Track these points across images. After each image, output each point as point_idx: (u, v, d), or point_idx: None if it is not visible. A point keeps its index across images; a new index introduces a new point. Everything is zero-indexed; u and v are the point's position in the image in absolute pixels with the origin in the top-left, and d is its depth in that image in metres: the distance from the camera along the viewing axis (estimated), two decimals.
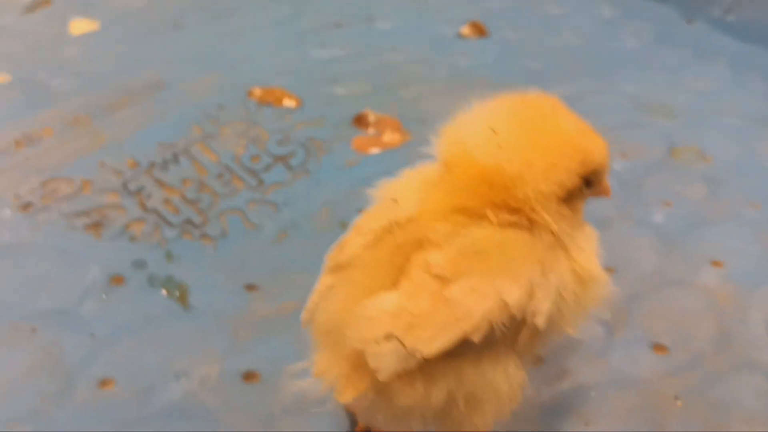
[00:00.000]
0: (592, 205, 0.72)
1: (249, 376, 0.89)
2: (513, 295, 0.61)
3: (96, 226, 1.09)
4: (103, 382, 0.87)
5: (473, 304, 0.60)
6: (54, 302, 0.96)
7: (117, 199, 1.14)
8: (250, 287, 1.00)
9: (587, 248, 0.69)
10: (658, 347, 0.95)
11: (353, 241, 0.66)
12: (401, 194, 0.66)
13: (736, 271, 1.05)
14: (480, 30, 1.76)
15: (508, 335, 0.63)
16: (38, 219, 1.09)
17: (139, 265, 1.02)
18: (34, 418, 0.83)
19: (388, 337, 0.59)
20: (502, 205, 0.63)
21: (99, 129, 1.31)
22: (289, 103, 1.45)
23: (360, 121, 1.41)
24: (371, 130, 1.39)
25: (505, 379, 0.66)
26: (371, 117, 1.41)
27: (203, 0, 1.84)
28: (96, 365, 0.89)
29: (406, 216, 0.64)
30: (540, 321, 0.63)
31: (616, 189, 0.79)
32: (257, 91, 1.45)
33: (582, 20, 1.75)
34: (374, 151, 1.34)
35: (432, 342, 0.59)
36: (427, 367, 0.62)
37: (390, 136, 1.38)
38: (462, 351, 0.62)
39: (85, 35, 1.65)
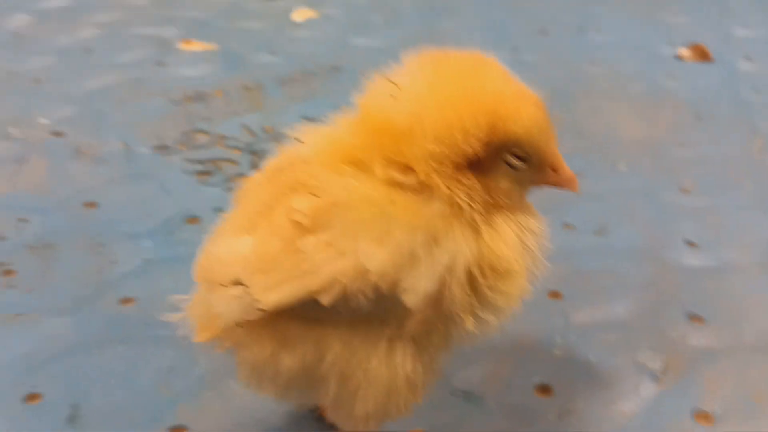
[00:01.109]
0: None
1: None
2: (375, 259, 0.51)
3: (206, 174, 1.17)
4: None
5: (324, 261, 0.51)
6: (136, 227, 1.05)
7: (237, 155, 1.21)
8: None
9: (509, 235, 0.56)
10: (702, 415, 0.74)
11: (252, 178, 0.62)
12: (311, 136, 0.60)
13: None
14: (703, 54, 1.55)
15: (380, 312, 0.54)
16: (164, 159, 1.20)
17: (218, 210, 1.07)
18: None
19: (236, 282, 0.54)
20: (393, 162, 0.54)
21: (262, 98, 1.40)
22: None
23: None
24: None
25: (386, 367, 0.56)
26: None
27: (421, 0, 1.88)
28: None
29: (300, 157, 0.58)
30: (410, 300, 0.52)
31: None
32: None
33: None
34: None
35: (270, 292, 0.52)
36: (279, 327, 0.55)
37: None
38: (319, 317, 0.54)
39: (304, 21, 1.78)
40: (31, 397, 0.78)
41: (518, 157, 0.55)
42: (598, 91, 1.45)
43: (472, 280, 0.54)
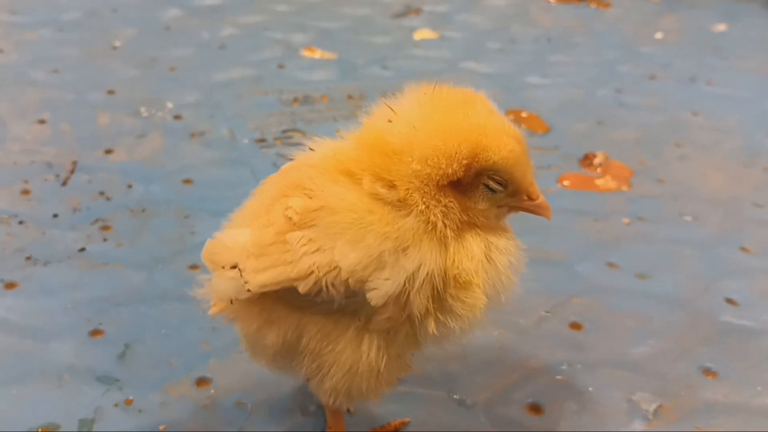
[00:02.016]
0: None
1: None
2: (346, 258, 0.59)
3: None
4: None
5: (304, 253, 0.60)
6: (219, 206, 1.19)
7: None
8: None
9: (475, 251, 0.62)
10: None
11: (271, 176, 0.71)
12: (321, 146, 0.68)
13: None
14: None
15: (351, 307, 0.62)
16: (260, 151, 1.34)
17: None
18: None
19: (233, 266, 0.63)
20: (381, 178, 0.61)
21: (357, 109, 1.52)
22: (540, 129, 1.47)
23: (587, 160, 1.36)
24: (593, 170, 1.33)
25: (352, 351, 0.64)
26: (599, 159, 1.35)
27: (537, 31, 1.93)
28: None
29: (307, 162, 0.66)
30: (373, 297, 0.59)
31: None
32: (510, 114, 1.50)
33: None
34: (578, 188, 1.28)
35: (257, 274, 0.62)
36: (266, 307, 0.65)
37: (606, 181, 1.30)
38: (300, 305, 0.64)
39: (423, 41, 1.89)
40: (96, 332, 0.93)
41: (496, 182, 0.62)
42: (691, 141, 1.45)
43: (434, 289, 0.61)
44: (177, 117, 1.44)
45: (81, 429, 0.79)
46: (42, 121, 1.39)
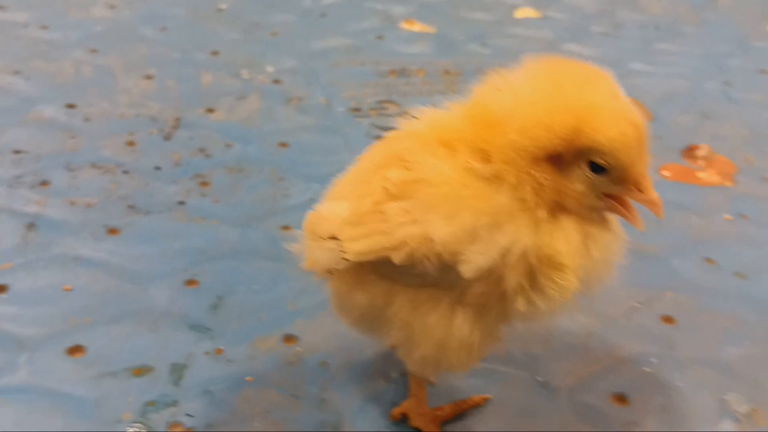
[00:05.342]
0: None
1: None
2: (439, 231, 0.58)
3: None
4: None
5: (399, 224, 0.60)
6: (313, 171, 1.21)
7: None
8: None
9: (570, 235, 0.61)
10: None
11: (375, 144, 0.71)
12: (425, 115, 0.67)
13: None
14: None
15: (444, 281, 0.62)
16: (354, 120, 1.35)
17: None
18: None
19: (332, 237, 0.64)
20: (478, 149, 0.60)
21: (457, 84, 1.51)
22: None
23: (690, 152, 1.31)
24: (696, 163, 1.29)
25: (443, 326, 0.64)
26: (703, 151, 1.30)
27: (644, 17, 1.87)
28: None
29: (409, 132, 0.65)
30: (465, 270, 0.59)
31: None
32: None
33: None
34: (680, 180, 1.24)
35: (354, 242, 0.62)
36: (360, 273, 0.66)
37: (709, 175, 1.26)
38: (394, 275, 0.64)
39: (524, 20, 1.85)
40: (190, 281, 0.96)
41: (599, 166, 0.59)
42: None
43: (527, 266, 0.60)
44: (276, 81, 1.46)
45: (173, 373, 0.83)
46: (149, 77, 1.43)
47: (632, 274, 0.99)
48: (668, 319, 0.95)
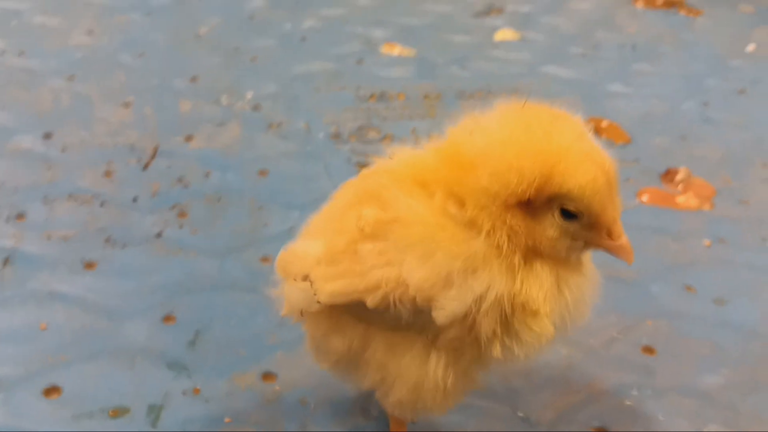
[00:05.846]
0: None
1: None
2: (414, 274, 0.58)
3: (365, 166, 1.30)
4: None
5: (374, 266, 0.60)
6: (292, 199, 1.20)
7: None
8: None
9: (546, 283, 0.61)
10: None
11: (350, 180, 0.71)
12: (402, 155, 0.67)
13: None
14: None
15: (418, 323, 0.61)
16: (335, 146, 1.35)
17: None
18: None
19: (305, 277, 0.64)
20: (453, 193, 0.60)
21: (437, 108, 1.51)
22: (620, 139, 1.43)
23: (668, 176, 1.32)
24: (675, 187, 1.29)
25: (417, 368, 0.64)
26: (682, 175, 1.31)
27: (622, 37, 1.88)
28: None
29: (385, 170, 0.65)
30: (439, 317, 0.59)
31: None
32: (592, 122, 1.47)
33: None
34: (658, 204, 1.25)
35: (328, 284, 0.62)
36: (334, 316, 0.66)
37: (687, 199, 1.26)
38: (368, 317, 0.63)
39: (503, 42, 1.86)
40: (168, 317, 0.95)
41: (570, 213, 0.59)
42: None
43: (502, 313, 0.60)
44: (256, 107, 1.46)
45: (150, 414, 0.82)
46: (127, 105, 1.43)
47: (611, 301, 1.00)
48: (648, 350, 0.95)
